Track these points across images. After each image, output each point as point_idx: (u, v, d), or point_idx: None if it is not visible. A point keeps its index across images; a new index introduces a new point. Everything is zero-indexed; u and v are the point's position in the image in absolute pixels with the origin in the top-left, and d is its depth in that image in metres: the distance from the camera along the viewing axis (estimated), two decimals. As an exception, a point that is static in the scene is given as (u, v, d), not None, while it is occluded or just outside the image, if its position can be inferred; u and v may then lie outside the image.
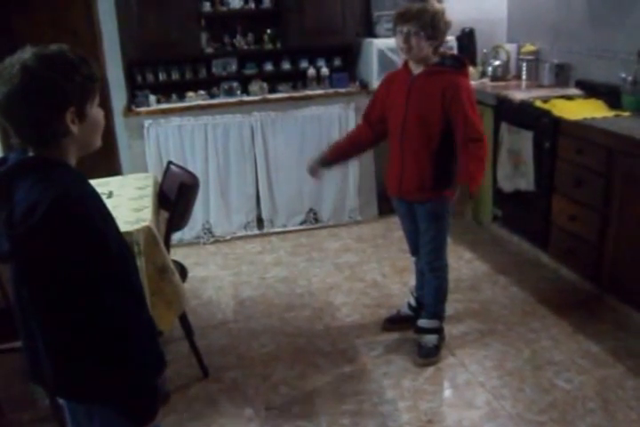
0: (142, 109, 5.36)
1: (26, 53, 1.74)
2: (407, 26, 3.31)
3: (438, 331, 3.81)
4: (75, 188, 1.77)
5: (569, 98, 4.61)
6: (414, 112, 3.44)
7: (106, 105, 4.92)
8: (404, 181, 3.58)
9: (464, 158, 3.41)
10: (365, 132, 3.75)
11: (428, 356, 3.73)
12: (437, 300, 3.81)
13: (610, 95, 4.42)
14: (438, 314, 3.83)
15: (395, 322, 4.09)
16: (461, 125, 3.38)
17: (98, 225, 1.76)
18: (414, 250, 3.89)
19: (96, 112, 1.86)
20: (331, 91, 5.66)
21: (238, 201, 5.62)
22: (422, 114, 3.43)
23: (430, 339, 3.77)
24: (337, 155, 3.84)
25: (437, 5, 3.42)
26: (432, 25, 3.30)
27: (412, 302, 4.06)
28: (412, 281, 4.11)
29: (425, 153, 3.48)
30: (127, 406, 1.87)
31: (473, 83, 5.27)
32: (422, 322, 3.83)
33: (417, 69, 3.46)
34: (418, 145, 3.47)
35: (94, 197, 1.87)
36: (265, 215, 5.72)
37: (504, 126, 4.79)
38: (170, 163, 4.07)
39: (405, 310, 4.10)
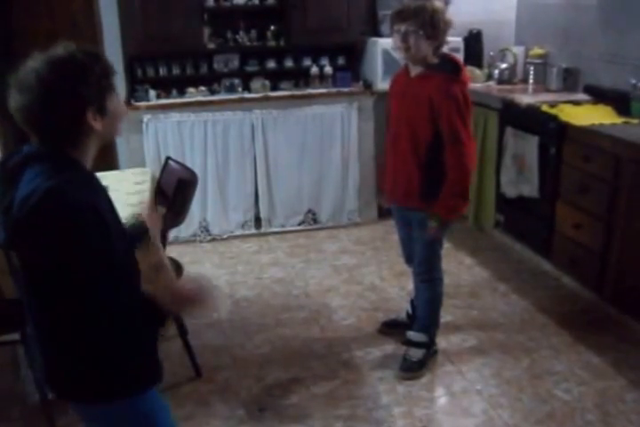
0: (142, 104, 5.31)
1: (37, 62, 1.76)
2: (405, 25, 3.19)
3: (426, 346, 3.70)
4: (74, 180, 1.76)
5: (577, 103, 4.56)
6: (405, 116, 3.37)
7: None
8: (396, 185, 3.52)
9: (446, 187, 3.31)
10: None
11: (409, 370, 3.63)
12: (428, 313, 3.71)
13: (619, 101, 4.37)
14: (428, 328, 3.72)
15: (391, 326, 4.04)
16: (447, 137, 3.26)
17: (90, 218, 1.74)
18: (407, 258, 3.83)
19: (116, 103, 1.87)
20: (333, 90, 5.60)
21: (236, 200, 5.57)
22: (412, 118, 3.33)
23: (415, 353, 3.67)
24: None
25: (437, 4, 3.30)
26: (431, 24, 3.18)
27: (408, 308, 4.01)
28: (411, 285, 4.03)
29: (414, 159, 3.37)
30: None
31: (478, 85, 5.27)
32: (411, 334, 3.73)
33: (415, 71, 3.35)
34: (407, 150, 3.37)
35: (95, 191, 1.85)
36: (263, 215, 5.67)
37: (509, 131, 4.74)
38: (168, 158, 4.02)
39: (403, 317, 4.05)
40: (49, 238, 1.70)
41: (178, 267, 3.74)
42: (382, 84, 5.37)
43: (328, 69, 5.67)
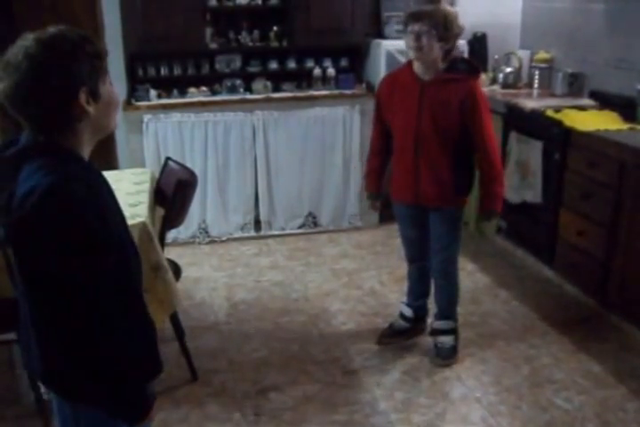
0: (142, 104, 5.28)
1: (26, 41, 1.70)
2: (418, 25, 3.29)
3: (454, 331, 3.80)
4: (75, 175, 1.71)
5: (582, 108, 4.52)
6: (429, 121, 3.40)
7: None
8: (422, 188, 3.53)
9: (486, 187, 3.54)
10: (386, 140, 3.69)
11: (449, 357, 3.75)
12: (451, 303, 3.83)
13: (625, 107, 4.35)
14: (453, 316, 3.82)
15: (389, 336, 3.98)
16: (479, 134, 3.42)
17: (91, 217, 1.70)
18: (414, 257, 3.85)
19: (109, 90, 1.82)
20: (336, 92, 5.58)
21: (236, 201, 5.54)
22: (438, 123, 3.39)
23: (448, 340, 3.78)
24: (378, 182, 3.84)
25: (450, 8, 3.43)
26: (444, 25, 3.29)
27: (408, 312, 3.96)
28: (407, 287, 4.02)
29: (443, 160, 3.46)
30: (113, 406, 1.86)
31: (483, 89, 5.23)
32: (438, 324, 3.82)
33: (426, 75, 3.41)
34: (435, 153, 3.45)
35: (97, 186, 1.81)
36: (263, 217, 5.63)
37: (513, 135, 4.71)
38: (168, 159, 3.99)
39: (400, 323, 3.99)
40: (50, 235, 1.66)
41: (176, 268, 3.72)
42: (378, 87, 5.35)
43: (331, 71, 5.64)
